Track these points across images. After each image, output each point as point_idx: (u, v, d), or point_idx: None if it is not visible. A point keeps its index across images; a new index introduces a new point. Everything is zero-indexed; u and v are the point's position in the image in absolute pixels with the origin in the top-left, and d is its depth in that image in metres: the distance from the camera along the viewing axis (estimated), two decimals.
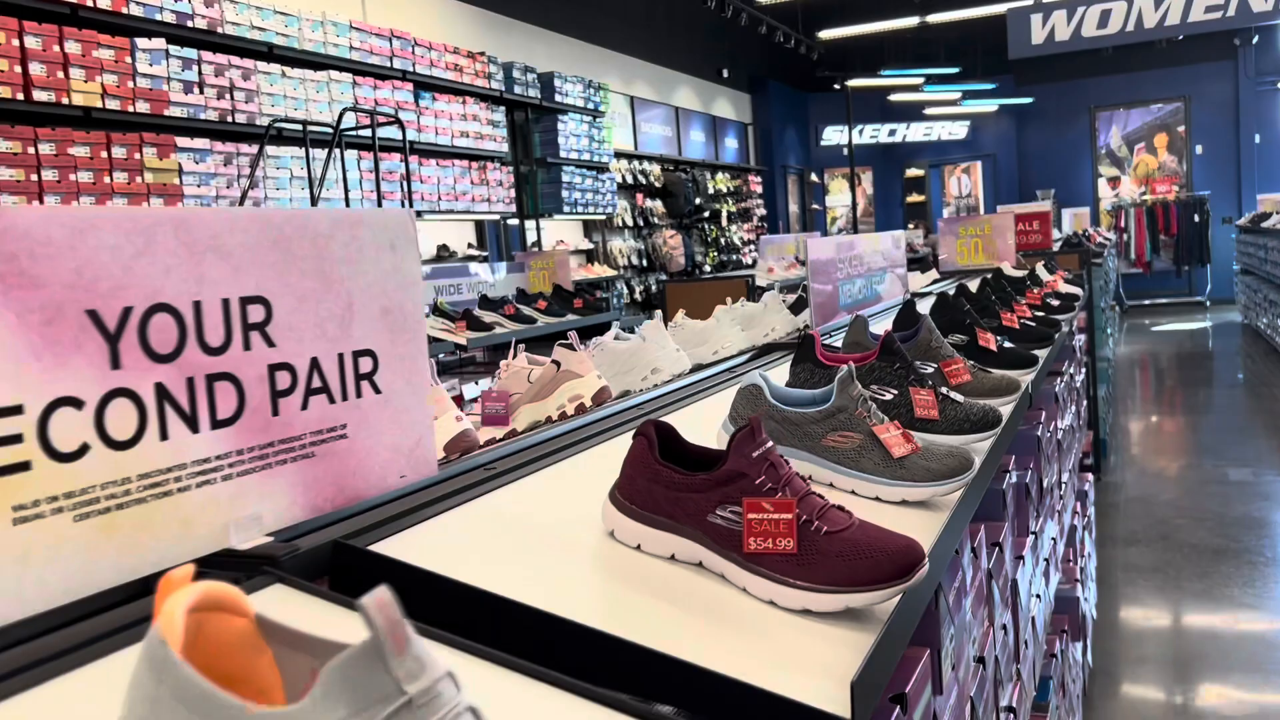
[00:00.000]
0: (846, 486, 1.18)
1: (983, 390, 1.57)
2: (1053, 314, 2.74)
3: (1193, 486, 5.99)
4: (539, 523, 1.13)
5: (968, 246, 4.31)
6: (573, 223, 10.51)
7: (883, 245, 2.67)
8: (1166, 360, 11.31)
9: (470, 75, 8.16)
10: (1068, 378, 3.08)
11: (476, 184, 8.20)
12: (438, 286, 4.69)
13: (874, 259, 2.59)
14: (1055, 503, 2.35)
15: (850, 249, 2.36)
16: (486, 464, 1.39)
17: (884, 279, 2.72)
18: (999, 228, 4.24)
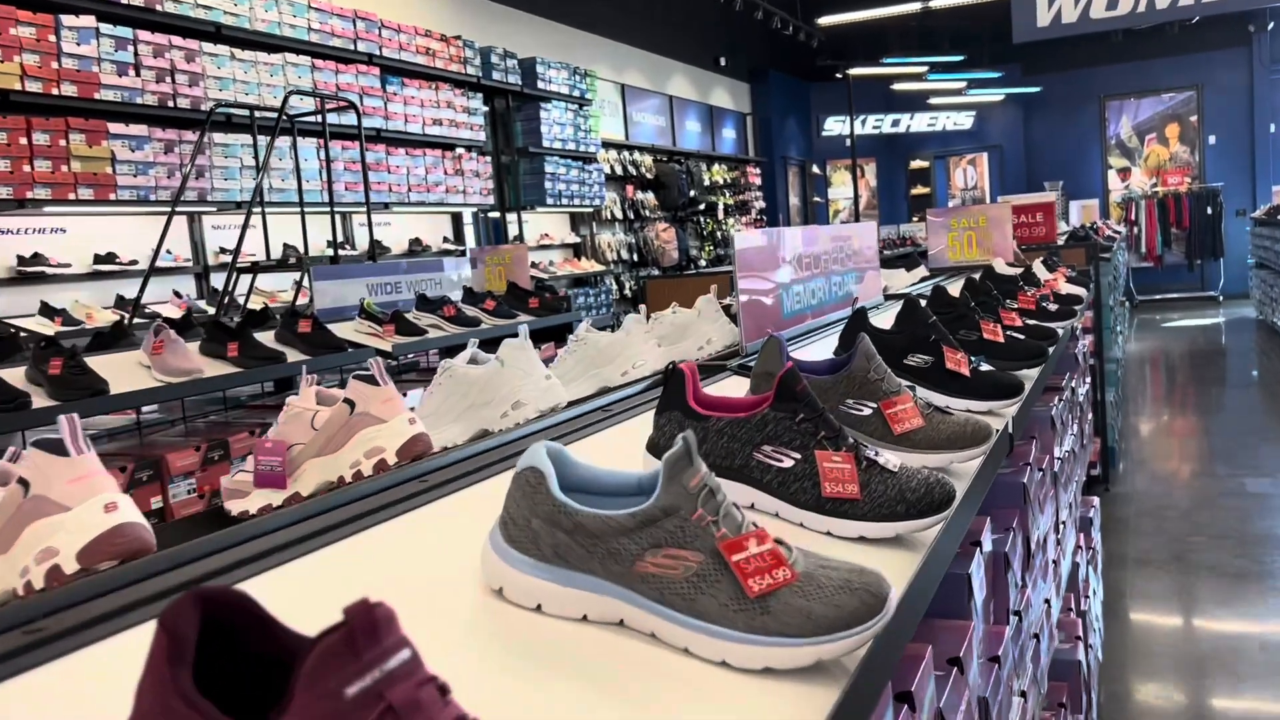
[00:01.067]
0: (677, 642, 0.76)
1: (938, 440, 1.16)
2: (1050, 320, 2.32)
3: (1209, 499, 5.56)
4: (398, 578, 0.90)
5: (960, 240, 3.89)
6: (558, 215, 10.09)
7: (849, 238, 2.25)
8: (1178, 358, 10.85)
9: (444, 60, 7.74)
10: (1069, 393, 2.65)
11: (451, 174, 7.78)
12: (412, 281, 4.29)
13: (837, 255, 2.17)
14: (1049, 556, 1.94)
15: (803, 243, 1.94)
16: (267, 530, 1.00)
17: (851, 280, 2.30)
18: (995, 220, 3.81)
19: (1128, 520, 5.31)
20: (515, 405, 1.85)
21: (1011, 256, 3.79)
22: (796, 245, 1.94)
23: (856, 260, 2.38)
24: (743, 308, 1.65)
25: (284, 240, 6.55)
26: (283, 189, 6.20)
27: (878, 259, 2.56)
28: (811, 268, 2.01)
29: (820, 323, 2.12)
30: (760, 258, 1.76)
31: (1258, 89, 15.35)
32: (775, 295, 1.83)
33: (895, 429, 1.14)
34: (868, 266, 2.45)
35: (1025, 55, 16.02)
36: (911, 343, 1.53)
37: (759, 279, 1.75)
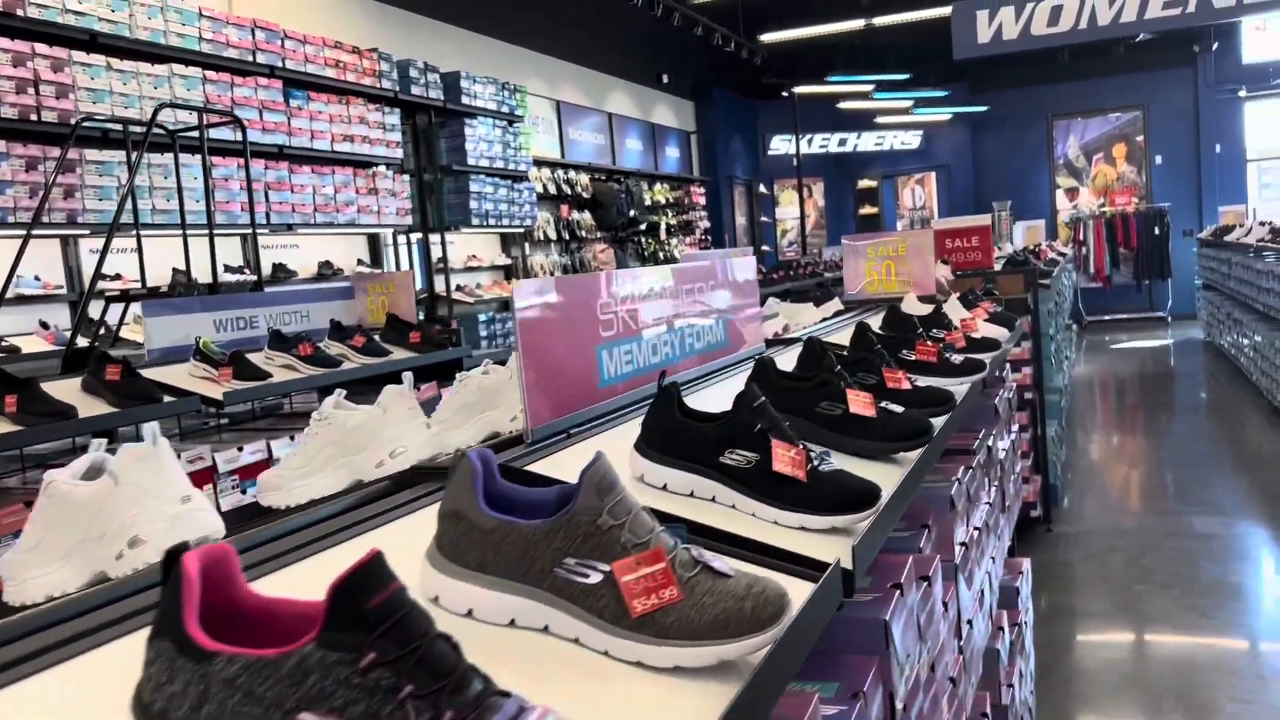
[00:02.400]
0: None
1: (699, 626, 0.75)
2: (953, 375, 1.94)
3: (1156, 540, 5.23)
4: None
5: (878, 271, 3.53)
6: (488, 236, 9.66)
7: (714, 275, 1.84)
8: (1126, 382, 10.62)
9: (356, 73, 7.30)
10: (983, 454, 2.27)
11: (364, 194, 7.33)
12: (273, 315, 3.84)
13: (697, 297, 1.77)
14: (940, 681, 1.54)
15: (638, 288, 1.53)
16: None
17: (720, 328, 1.90)
18: (915, 248, 3.45)
19: (1071, 565, 4.97)
20: (394, 454, 1.60)
21: (933, 288, 3.44)
22: (627, 291, 1.54)
23: (729, 301, 1.98)
24: (526, 382, 1.24)
25: (174, 265, 6.06)
26: (166, 209, 5.73)
27: (758, 297, 2.17)
28: (651, 316, 1.62)
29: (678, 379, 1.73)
30: (560, 313, 1.36)
31: (1203, 109, 15.31)
32: (587, 358, 1.42)
33: (633, 607, 0.74)
34: (743, 308, 2.05)
35: (972, 74, 15.90)
36: (731, 434, 1.14)
37: (558, 340, 1.34)
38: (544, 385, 1.31)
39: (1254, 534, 5.29)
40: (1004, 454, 2.67)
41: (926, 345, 1.99)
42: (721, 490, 1.14)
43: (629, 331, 1.57)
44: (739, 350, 2.04)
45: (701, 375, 1.83)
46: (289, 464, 1.51)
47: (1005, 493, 2.69)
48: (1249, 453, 7.01)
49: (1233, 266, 10.09)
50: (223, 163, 6.14)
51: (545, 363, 1.32)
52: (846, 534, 1.11)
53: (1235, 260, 9.92)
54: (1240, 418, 8.09)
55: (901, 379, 1.68)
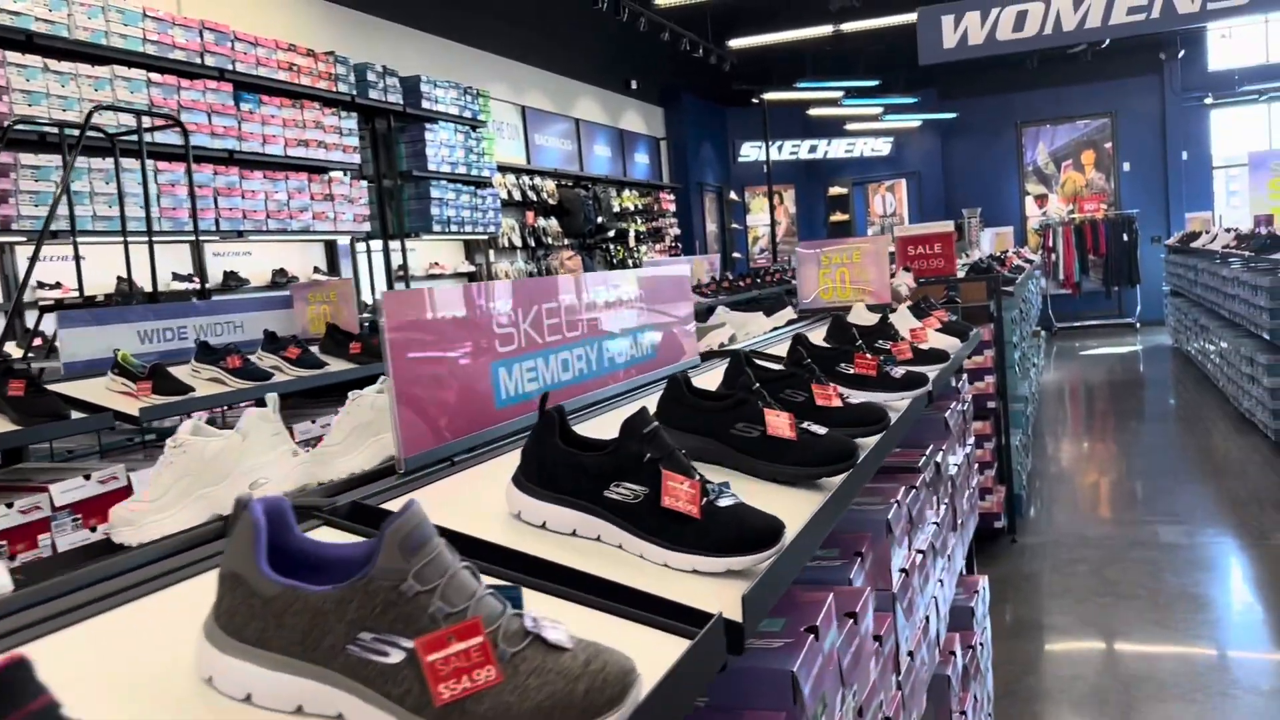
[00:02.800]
0: None
1: (518, 716, 0.62)
2: (892, 390, 1.82)
3: (1119, 550, 5.15)
4: None
5: (833, 279, 3.42)
6: (451, 243, 9.51)
7: (629, 285, 1.70)
8: (1095, 389, 10.60)
9: (311, 76, 7.14)
10: (929, 471, 2.16)
11: (319, 199, 7.17)
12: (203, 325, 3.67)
13: (610, 309, 1.63)
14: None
15: (525, 294, 1.41)
16: None
17: (650, 339, 1.76)
18: (871, 255, 3.34)
19: (1036, 578, 4.88)
20: (254, 485, 1.47)
21: (888, 297, 3.33)
22: (532, 302, 1.40)
23: (658, 312, 1.85)
24: (397, 404, 1.11)
25: (118, 274, 5.88)
26: (107, 216, 5.55)
27: (691, 307, 2.04)
28: (564, 330, 1.48)
29: (589, 399, 1.60)
30: (445, 327, 1.22)
31: (1169, 116, 15.38)
32: (480, 376, 1.29)
33: (437, 693, 0.61)
34: (675, 319, 1.93)
35: (941, 81, 15.91)
36: (617, 465, 1.01)
37: (441, 356, 1.20)
38: (422, 407, 1.17)
39: (1218, 543, 5.22)
40: (955, 469, 2.55)
41: (866, 358, 1.86)
42: (607, 529, 1.01)
43: (533, 346, 1.43)
44: (669, 365, 1.91)
45: (622, 393, 1.70)
46: (143, 496, 1.37)
47: (958, 509, 2.57)
48: (1215, 460, 6.97)
49: (1199, 273, 10.09)
50: (169, 168, 5.96)
51: (424, 381, 1.18)
52: (746, 577, 0.98)
53: (1201, 267, 9.92)
54: (1207, 424, 8.06)
55: (833, 396, 1.56)
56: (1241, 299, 7.73)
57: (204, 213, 6.25)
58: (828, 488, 1.32)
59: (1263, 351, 7.09)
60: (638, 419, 1.04)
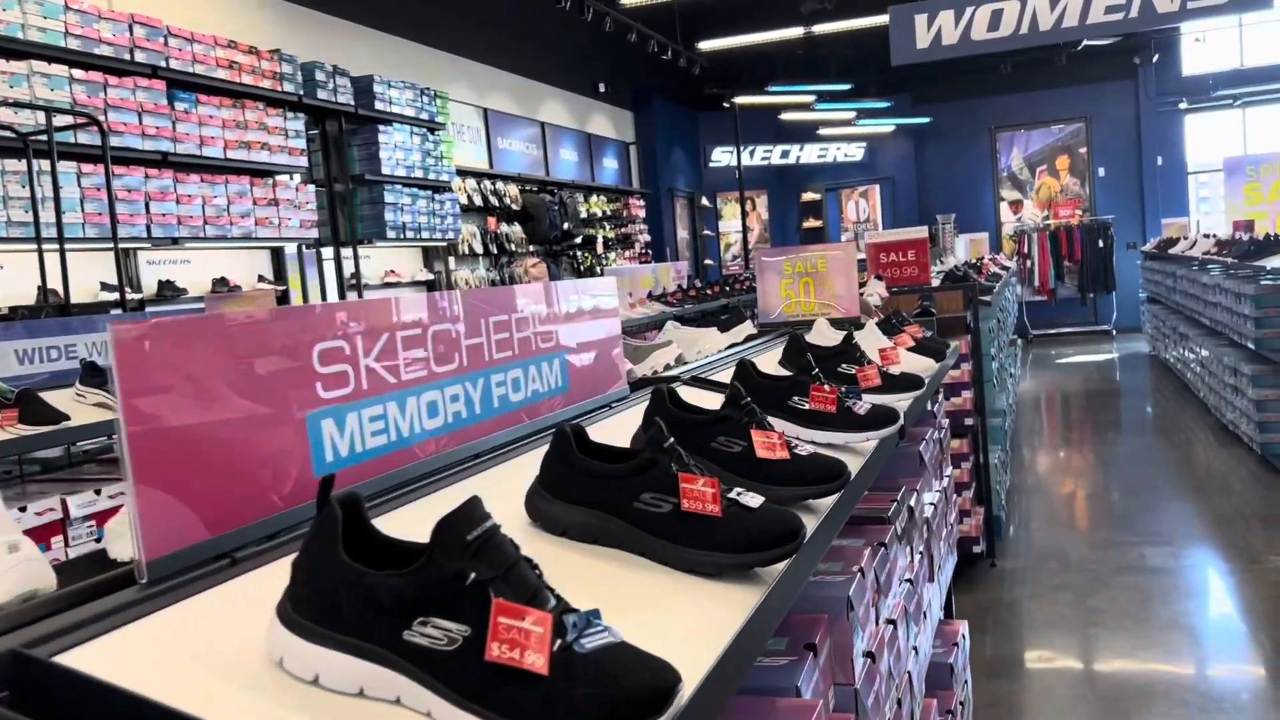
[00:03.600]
0: None
1: None
2: (856, 431, 1.50)
3: (1104, 575, 4.86)
4: None
5: (796, 290, 3.09)
6: (409, 250, 9.14)
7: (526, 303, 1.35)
8: (1073, 399, 10.35)
9: (253, 75, 6.77)
10: (902, 519, 1.83)
11: (262, 204, 6.79)
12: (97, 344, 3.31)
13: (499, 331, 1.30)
14: None
15: (364, 318, 1.10)
16: None
17: (541, 375, 1.42)
18: (837, 263, 3.03)
19: (1017, 606, 4.58)
20: None
21: (856, 309, 3.01)
22: (378, 327, 1.07)
23: (572, 334, 1.52)
24: (135, 479, 0.76)
25: (37, 283, 5.48)
26: (21, 221, 5.15)
27: (617, 326, 1.71)
28: (433, 363, 1.14)
29: (467, 451, 1.26)
30: (230, 365, 0.88)
31: (1144, 121, 15.23)
32: (289, 433, 0.95)
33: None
34: (596, 342, 1.59)
35: (914, 85, 15.69)
36: (426, 591, 0.67)
37: (221, 407, 0.86)
38: (183, 481, 0.83)
39: (1207, 567, 4.94)
40: (931, 509, 2.23)
41: (824, 390, 1.54)
42: (409, 688, 0.67)
43: (381, 387, 1.09)
44: (589, 399, 1.57)
45: (516, 441, 1.36)
46: None
47: (935, 556, 2.25)
48: (1199, 474, 6.71)
49: (1177, 280, 9.87)
50: (94, 170, 5.57)
51: (185, 444, 0.84)
52: None
53: (1180, 274, 9.70)
54: (1189, 436, 7.81)
55: (778, 445, 1.23)
56: (1224, 307, 7.49)
57: (134, 218, 5.87)
58: (766, 578, 0.99)
59: (1247, 362, 6.85)
60: (461, 516, 0.70)
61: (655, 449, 1.02)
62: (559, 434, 1.04)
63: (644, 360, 2.35)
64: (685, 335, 2.75)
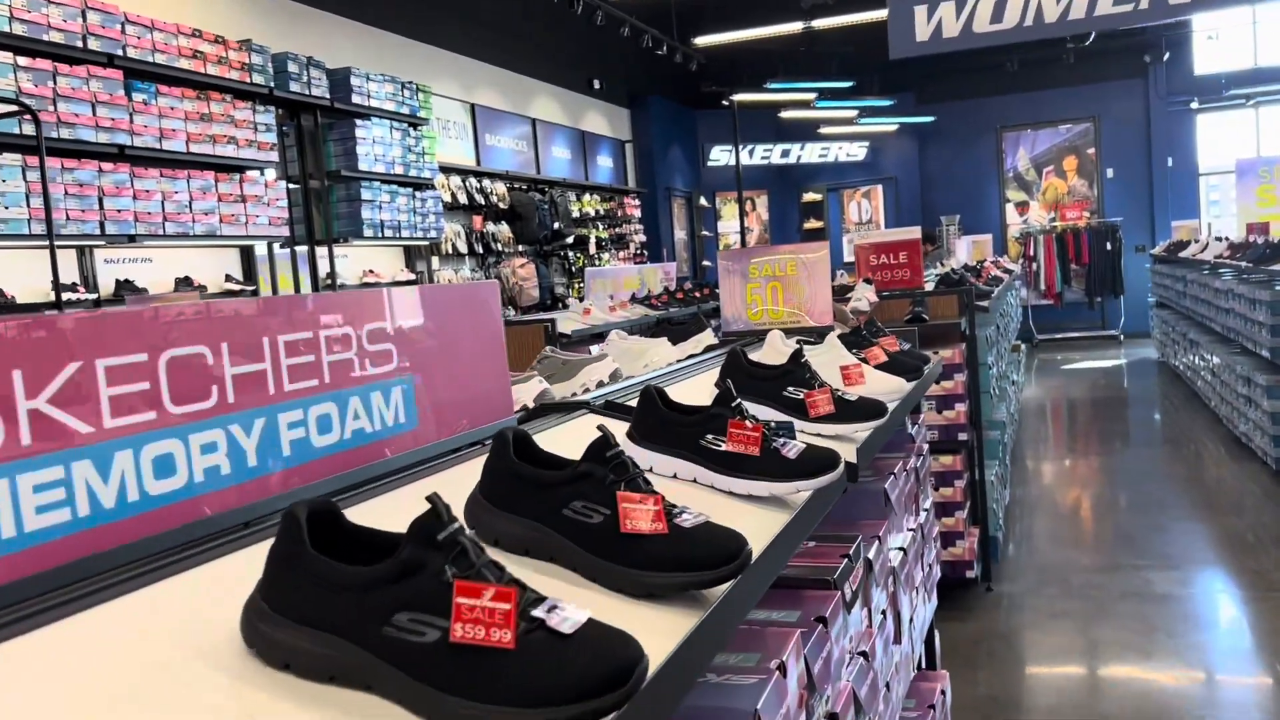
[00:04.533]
0: None
1: None
2: (785, 474, 1.18)
3: (1107, 602, 4.53)
4: None
5: (762, 295, 2.77)
6: (390, 249, 8.83)
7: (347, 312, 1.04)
8: (1078, 408, 10.01)
9: (219, 65, 6.47)
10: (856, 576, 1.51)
11: (229, 201, 6.49)
12: None
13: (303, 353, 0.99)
14: None
15: (35, 341, 0.79)
16: None
17: (399, 393, 1.12)
18: (808, 266, 2.70)
19: (1014, 638, 4.25)
20: None
21: (829, 318, 2.69)
22: (70, 350, 0.76)
23: (424, 353, 1.20)
24: None
25: None
26: None
27: (499, 340, 1.39)
28: (169, 400, 0.83)
29: (253, 513, 0.94)
30: None
31: (1154, 121, 14.86)
32: None
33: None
34: (461, 362, 1.27)
35: (918, 84, 15.36)
36: None
37: None
38: None
39: (1219, 595, 4.60)
40: (899, 555, 1.91)
41: (745, 427, 1.22)
42: None
43: (67, 439, 0.78)
44: (449, 435, 1.25)
45: (337, 492, 1.04)
46: None
47: (903, 607, 1.93)
48: (1210, 491, 6.37)
49: (1188, 284, 9.52)
50: (51, 163, 5.27)
51: None
52: None
53: (1191, 278, 9.35)
54: (1199, 449, 7.47)
55: (651, 514, 0.91)
56: (1237, 313, 7.14)
57: (87, 214, 5.58)
58: None
59: (1261, 371, 6.50)
60: None
61: (422, 544, 0.70)
62: (497, 438, 0.74)
63: (573, 377, 2.03)
64: (630, 347, 2.43)
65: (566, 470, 0.93)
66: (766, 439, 1.22)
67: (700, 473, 1.22)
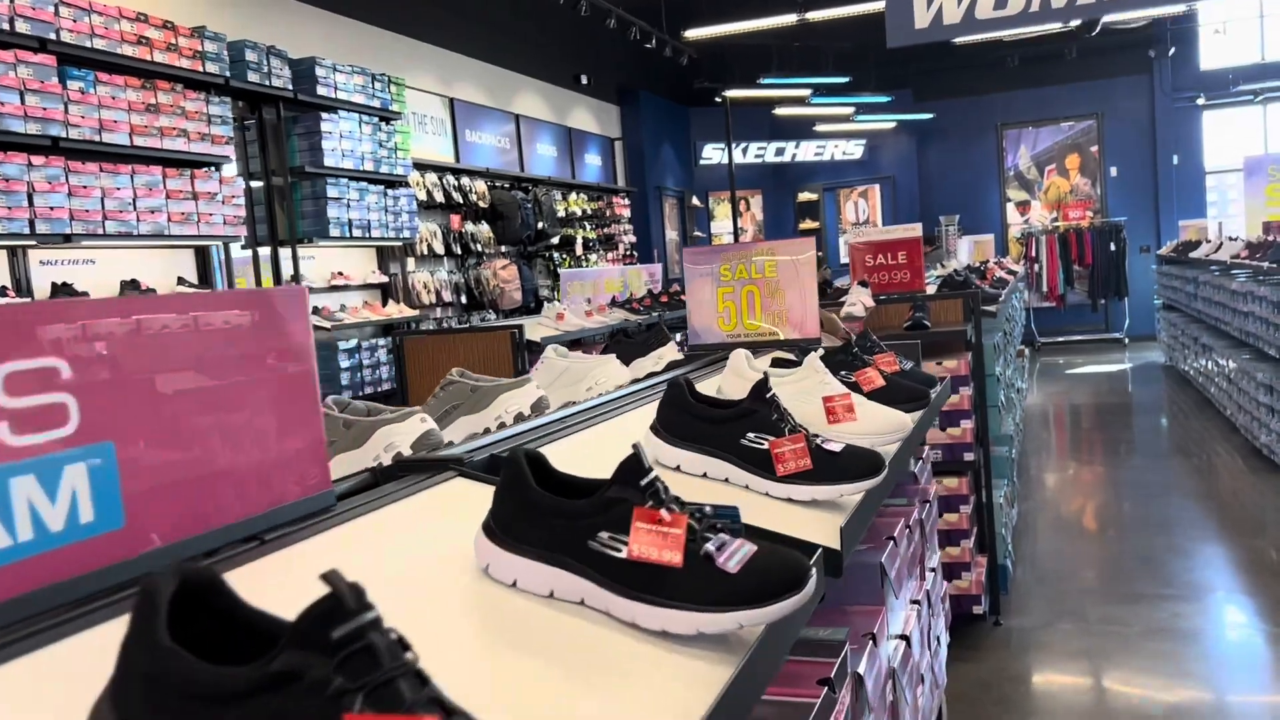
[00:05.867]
0: None
1: None
2: (717, 599, 0.74)
3: (1128, 640, 4.09)
4: None
5: (736, 302, 2.33)
6: (361, 250, 8.38)
7: None
8: (1083, 415, 9.57)
9: (168, 53, 6.02)
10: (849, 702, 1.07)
11: (178, 198, 6.05)
12: None
13: None
14: None
15: None
16: None
17: (12, 498, 0.69)
18: (789, 269, 2.25)
19: (1023, 682, 3.80)
20: None
21: (815, 330, 2.25)
22: None
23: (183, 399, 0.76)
24: None
25: None
26: None
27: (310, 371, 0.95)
28: None
29: None
30: None
31: (1159, 118, 14.43)
32: None
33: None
34: (240, 415, 0.84)
35: (916, 80, 14.94)
36: None
37: None
38: None
39: (1250, 632, 4.16)
40: (899, 649, 1.46)
41: (659, 521, 0.77)
42: None
43: None
44: (196, 533, 0.81)
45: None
46: None
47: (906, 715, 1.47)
48: (1232, 508, 5.93)
49: (1200, 286, 9.09)
50: None
51: None
52: None
53: (1203, 279, 8.92)
54: (1216, 462, 7.03)
55: None
56: (1258, 317, 6.70)
57: (14, 212, 5.13)
58: None
59: None
60: None
61: None
62: None
63: (486, 407, 1.59)
64: (571, 367, 1.98)
65: None
66: (694, 542, 0.78)
67: (602, 598, 0.79)
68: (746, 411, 1.17)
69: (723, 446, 1.20)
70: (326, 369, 7.29)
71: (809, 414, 1.45)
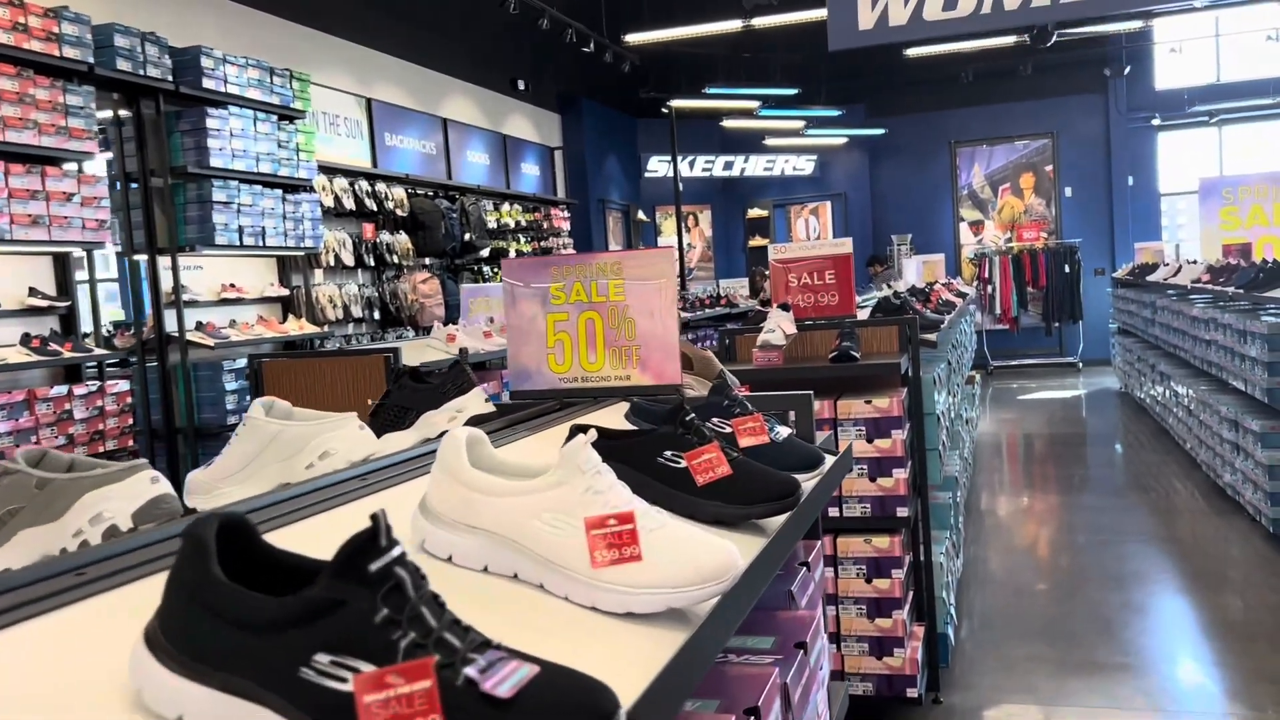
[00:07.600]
0: None
1: None
2: None
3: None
4: None
5: (572, 334, 1.70)
6: (259, 260, 7.66)
7: None
8: (1035, 446, 9.07)
9: (13, 34, 5.31)
10: None
11: (24, 198, 5.32)
12: None
13: None
14: None
15: None
16: None
17: None
18: (644, 294, 1.61)
19: None
20: None
21: (676, 375, 1.61)
22: None
23: None
24: None
25: None
26: None
27: None
28: None
29: None
30: None
31: (1114, 138, 14.10)
32: None
33: None
34: None
35: (868, 95, 14.52)
36: None
37: None
38: None
39: (1224, 717, 3.59)
40: None
41: None
42: None
43: None
44: None
45: None
46: None
47: None
48: (1195, 558, 5.40)
49: (1157, 310, 8.63)
50: None
51: None
52: None
53: (1160, 304, 8.46)
54: (1176, 501, 6.52)
55: None
56: (1221, 345, 6.21)
57: None
58: None
59: (1254, 415, 5.56)
60: None
61: None
62: None
63: (59, 516, 0.95)
64: (286, 433, 1.31)
65: None
66: None
67: None
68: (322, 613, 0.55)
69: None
70: (210, 391, 6.57)
71: (568, 550, 0.83)
